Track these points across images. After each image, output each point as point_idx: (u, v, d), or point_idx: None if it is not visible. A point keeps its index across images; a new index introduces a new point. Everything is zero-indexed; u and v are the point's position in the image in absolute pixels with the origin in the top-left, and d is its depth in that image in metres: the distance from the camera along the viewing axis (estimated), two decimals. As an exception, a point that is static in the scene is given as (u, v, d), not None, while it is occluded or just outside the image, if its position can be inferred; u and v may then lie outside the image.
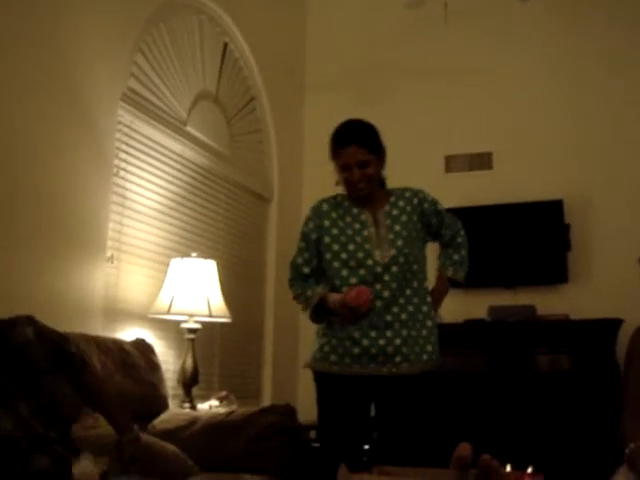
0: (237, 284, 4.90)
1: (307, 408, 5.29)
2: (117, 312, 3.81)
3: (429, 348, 2.83)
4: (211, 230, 4.76)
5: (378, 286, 2.77)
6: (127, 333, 3.82)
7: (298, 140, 5.97)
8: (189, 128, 4.60)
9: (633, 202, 4.98)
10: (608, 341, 4.64)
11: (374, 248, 2.81)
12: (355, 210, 2.93)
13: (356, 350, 2.77)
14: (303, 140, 6.02)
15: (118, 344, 3.41)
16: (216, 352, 4.69)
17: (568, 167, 5.17)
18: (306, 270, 2.92)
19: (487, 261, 5.12)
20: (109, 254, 3.75)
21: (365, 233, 2.85)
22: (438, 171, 5.50)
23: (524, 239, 5.13)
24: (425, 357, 2.81)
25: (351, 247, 2.82)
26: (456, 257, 3.10)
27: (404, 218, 2.92)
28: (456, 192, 5.33)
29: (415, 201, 2.99)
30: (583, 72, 5.30)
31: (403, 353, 2.76)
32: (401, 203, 2.97)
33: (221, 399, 3.92)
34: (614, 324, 4.60)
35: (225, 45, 5.08)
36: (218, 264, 4.12)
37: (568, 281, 5.01)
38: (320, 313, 2.85)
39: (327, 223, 2.90)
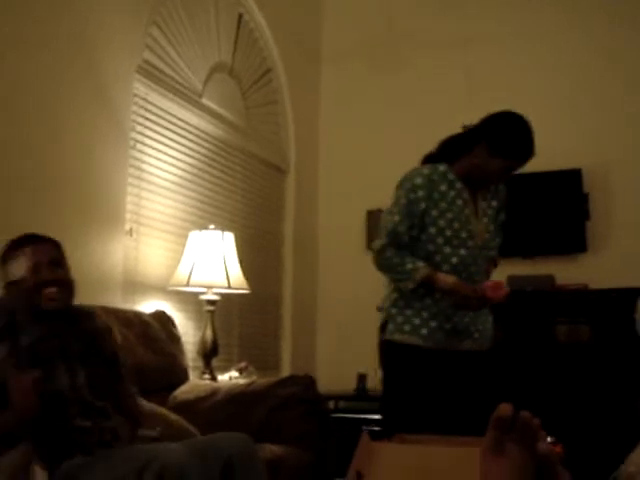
0: (255, 256, 4.91)
1: (326, 378, 5.36)
2: (137, 285, 3.84)
3: (490, 326, 2.92)
4: (228, 202, 4.77)
5: (473, 268, 2.81)
6: (147, 305, 3.85)
7: (314, 111, 5.95)
8: (205, 100, 4.59)
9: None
10: (628, 310, 4.61)
11: (475, 229, 2.82)
12: (459, 185, 2.84)
13: (448, 326, 2.79)
14: (319, 111, 5.98)
15: (139, 316, 3.43)
16: (235, 323, 4.72)
17: (586, 136, 5.11)
18: (406, 239, 2.78)
19: (506, 231, 5.07)
20: (128, 227, 3.77)
21: (466, 212, 2.82)
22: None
23: (543, 209, 5.09)
24: (489, 334, 2.91)
25: (456, 225, 2.79)
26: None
27: (494, 204, 2.94)
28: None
29: (502, 193, 3.01)
30: (601, 36, 5.21)
31: (479, 330, 2.85)
32: (493, 189, 2.96)
33: (241, 370, 3.95)
34: (634, 293, 4.56)
35: (240, 16, 5.05)
36: (236, 236, 4.13)
37: (587, 250, 4.98)
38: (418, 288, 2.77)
39: (436, 195, 2.78)
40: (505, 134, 2.76)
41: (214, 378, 3.83)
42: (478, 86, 5.44)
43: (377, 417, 4.95)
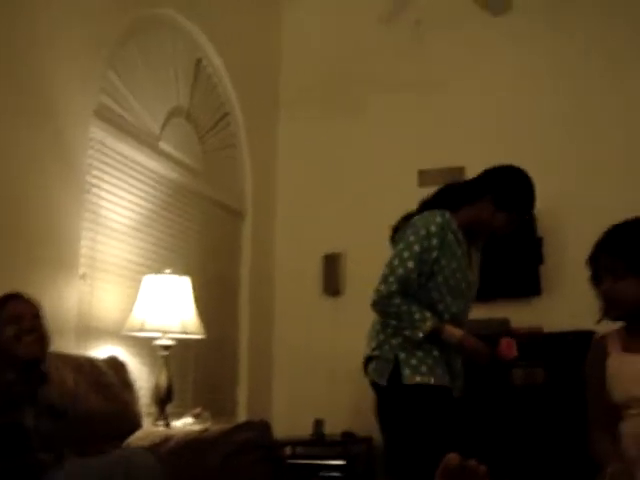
0: (211, 300, 4.87)
1: (283, 424, 5.31)
2: (90, 330, 3.78)
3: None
4: (185, 246, 4.74)
5: (465, 318, 2.90)
6: (101, 350, 3.79)
7: (271, 155, 5.97)
8: (162, 144, 4.58)
9: (602, 214, 5.00)
10: (581, 353, 4.65)
11: (470, 280, 2.87)
12: (460, 235, 2.84)
13: (446, 370, 2.80)
14: (277, 155, 6.01)
15: (91, 362, 3.38)
16: (190, 368, 4.66)
17: (540, 181, 5.18)
18: (415, 287, 2.75)
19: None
20: (82, 272, 3.72)
21: (464, 262, 2.85)
22: (411, 185, 5.50)
23: (497, 253, 5.13)
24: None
25: (458, 275, 2.80)
26: None
27: (478, 257, 3.00)
28: (430, 206, 5.36)
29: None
30: (553, 86, 5.35)
31: (461, 377, 2.90)
32: (480, 242, 2.99)
33: (196, 416, 3.89)
34: (587, 336, 4.61)
35: (198, 61, 5.08)
36: (192, 280, 4.09)
37: (541, 294, 5.04)
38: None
39: (445, 244, 2.76)
40: (512, 190, 2.81)
41: (168, 424, 3.77)
42: (431, 130, 5.52)
43: (335, 462, 4.94)
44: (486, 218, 2.80)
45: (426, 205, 2.94)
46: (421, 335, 2.68)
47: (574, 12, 5.35)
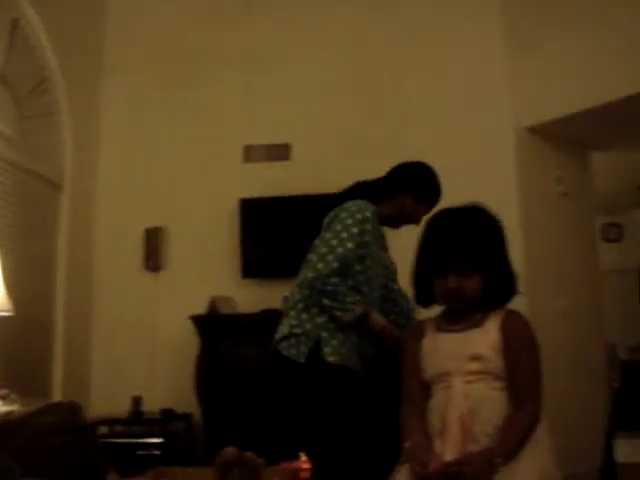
0: (24, 276, 4.63)
1: (101, 402, 5.18)
2: None
3: None
4: (-4, 218, 4.48)
5: (381, 301, 2.98)
6: None
7: (94, 124, 5.74)
8: (-29, 108, 4.30)
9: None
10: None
11: (387, 265, 3.03)
12: (382, 228, 3.03)
13: (359, 356, 2.85)
14: (100, 125, 5.78)
15: None
16: (-2, 347, 4.43)
17: (361, 161, 5.29)
18: (352, 268, 2.80)
19: (283, 251, 5.19)
20: None
21: (384, 254, 3.03)
22: (236, 161, 5.48)
23: (320, 230, 5.19)
24: None
25: (382, 260, 2.97)
26: None
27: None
28: (255, 182, 5.36)
29: None
30: (376, 68, 5.45)
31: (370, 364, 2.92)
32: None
33: (2, 397, 3.70)
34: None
35: (15, 20, 4.78)
36: (2, 254, 3.88)
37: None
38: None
39: (374, 230, 2.89)
40: (428, 185, 3.08)
41: (-29, 407, 3.57)
42: (258, 107, 5.50)
43: (154, 441, 4.87)
44: (408, 210, 3.04)
45: (342, 197, 3.06)
46: (350, 318, 2.75)
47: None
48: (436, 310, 2.46)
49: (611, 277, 8.52)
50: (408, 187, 3.05)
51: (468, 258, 2.21)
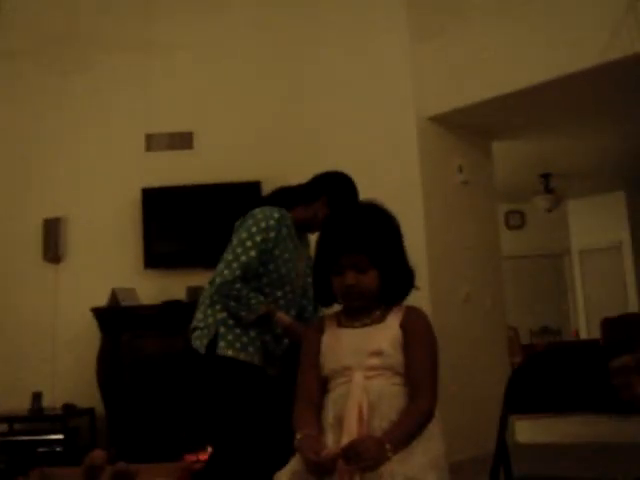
0: None
1: (0, 401, 5.03)
2: None
3: None
4: None
5: (295, 306, 3.16)
6: None
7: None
8: None
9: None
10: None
11: (299, 271, 3.16)
12: (293, 230, 3.16)
13: (260, 350, 3.04)
14: (-7, 112, 5.59)
15: None
16: None
17: (265, 150, 5.28)
18: (254, 273, 3.03)
19: (186, 241, 5.14)
20: None
21: (295, 254, 3.15)
22: (139, 149, 5.37)
23: (223, 219, 5.13)
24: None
25: (290, 265, 3.10)
26: None
27: (305, 250, 3.26)
28: (157, 171, 5.28)
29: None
30: (277, 54, 5.42)
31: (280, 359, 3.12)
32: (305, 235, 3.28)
33: None
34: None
35: None
36: None
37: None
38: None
39: (280, 237, 3.07)
40: (343, 193, 3.17)
41: None
42: (160, 94, 5.41)
43: (55, 437, 4.76)
44: (322, 216, 3.11)
45: (263, 202, 3.22)
46: (253, 317, 2.98)
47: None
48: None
49: (514, 263, 8.75)
50: (324, 194, 3.18)
51: (364, 253, 2.22)
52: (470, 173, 5.47)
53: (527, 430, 5.64)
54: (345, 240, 2.24)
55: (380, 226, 2.27)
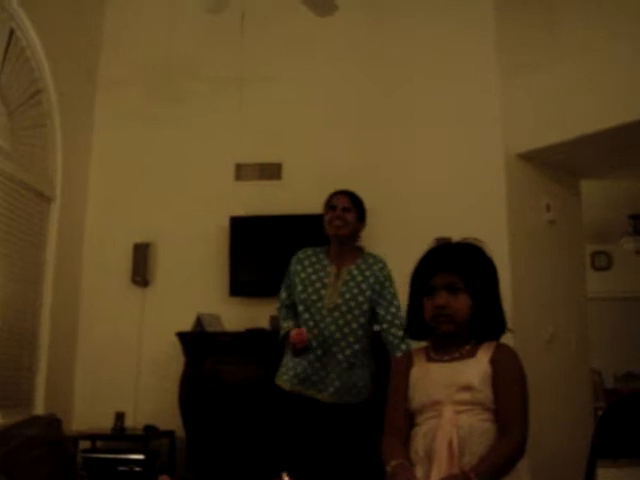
0: (11, 287, 4.62)
1: (83, 417, 5.15)
2: None
3: (354, 381, 3.42)
4: (-16, 228, 4.46)
5: (322, 325, 3.37)
6: None
7: (86, 138, 5.74)
8: (-37, 118, 4.29)
9: (412, 216, 5.17)
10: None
11: (326, 294, 3.39)
12: (326, 262, 3.52)
13: (302, 375, 3.39)
14: (91, 139, 5.79)
15: None
16: (-17, 358, 4.40)
17: (352, 182, 5.30)
18: (287, 302, 3.64)
19: (272, 270, 5.17)
20: None
21: (325, 281, 3.43)
22: (228, 179, 5.49)
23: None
24: (354, 389, 3.44)
25: (310, 289, 3.43)
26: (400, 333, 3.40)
27: (360, 278, 3.43)
28: (245, 201, 5.36)
29: (375, 267, 3.48)
30: (369, 88, 5.48)
31: (335, 384, 3.37)
32: (363, 266, 3.47)
33: (-17, 409, 3.68)
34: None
35: (11, 31, 4.79)
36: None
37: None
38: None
39: (299, 268, 3.55)
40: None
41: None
42: (250, 125, 5.50)
43: (135, 457, 4.84)
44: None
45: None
46: (280, 338, 3.54)
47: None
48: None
49: (598, 305, 8.54)
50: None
51: (457, 273, 2.22)
52: (558, 212, 5.40)
53: (611, 477, 5.46)
54: (440, 259, 2.25)
55: (476, 255, 2.28)
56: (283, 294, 3.66)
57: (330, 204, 3.59)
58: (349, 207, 3.55)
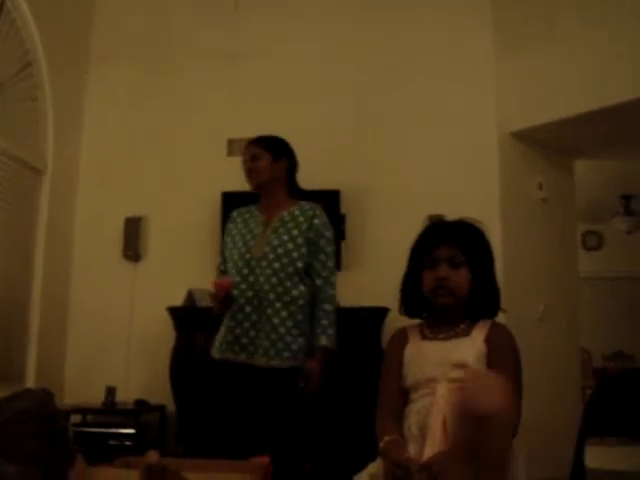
0: (1, 261, 4.60)
1: (74, 390, 5.16)
2: None
3: (287, 342, 3.11)
4: (-26, 201, 4.44)
5: (251, 278, 3.11)
6: None
7: (78, 112, 5.70)
8: (-48, 89, 4.25)
9: (402, 198, 5.18)
10: (375, 328, 4.82)
11: (255, 244, 3.17)
12: (256, 212, 3.34)
13: (229, 338, 3.16)
14: (83, 112, 5.75)
15: None
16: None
17: (346, 159, 5.30)
18: (222, 268, 3.34)
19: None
20: None
21: (255, 231, 3.23)
22: (220, 154, 5.46)
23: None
24: (285, 351, 3.10)
25: (240, 243, 3.22)
26: (325, 322, 3.24)
27: (291, 224, 3.21)
28: (237, 176, 5.28)
29: (310, 213, 3.25)
30: (363, 63, 5.46)
31: (265, 345, 3.08)
32: (297, 212, 3.26)
33: (-27, 382, 3.67)
34: (380, 312, 4.78)
35: (2, 2, 4.74)
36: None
37: (341, 269, 5.13)
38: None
39: (231, 226, 3.36)
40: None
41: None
42: (243, 100, 5.48)
43: (126, 431, 4.85)
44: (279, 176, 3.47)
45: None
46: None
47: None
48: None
49: (589, 285, 8.57)
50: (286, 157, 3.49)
51: (460, 246, 2.22)
52: (550, 191, 5.40)
53: (599, 456, 5.51)
54: (443, 232, 2.26)
55: (477, 232, 2.29)
56: (218, 259, 3.42)
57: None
58: (257, 154, 3.38)
